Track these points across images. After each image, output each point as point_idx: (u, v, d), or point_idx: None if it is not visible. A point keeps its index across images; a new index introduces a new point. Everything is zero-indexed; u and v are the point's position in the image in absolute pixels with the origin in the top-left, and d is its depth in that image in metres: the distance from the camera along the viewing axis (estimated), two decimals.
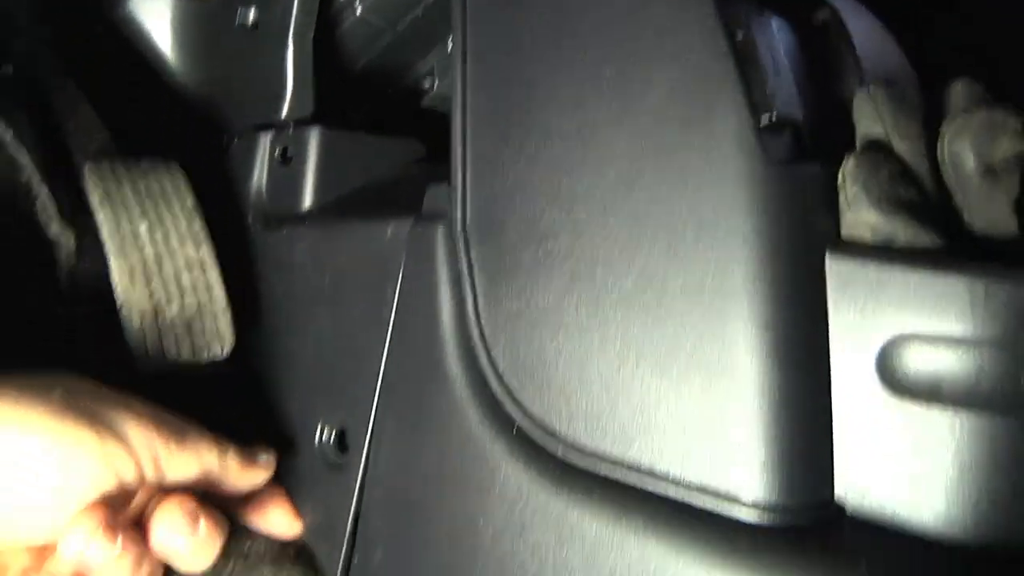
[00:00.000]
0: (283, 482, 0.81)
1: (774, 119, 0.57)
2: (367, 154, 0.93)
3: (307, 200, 0.90)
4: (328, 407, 0.80)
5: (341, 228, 0.82)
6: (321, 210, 0.89)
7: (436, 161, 0.83)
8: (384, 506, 0.74)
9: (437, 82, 0.92)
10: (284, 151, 0.92)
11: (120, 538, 0.62)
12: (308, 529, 0.81)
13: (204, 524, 0.69)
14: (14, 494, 0.60)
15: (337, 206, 0.89)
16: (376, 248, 0.76)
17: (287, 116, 0.90)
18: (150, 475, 0.66)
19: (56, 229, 0.79)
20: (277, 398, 0.85)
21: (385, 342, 0.74)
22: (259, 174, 0.93)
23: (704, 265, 0.57)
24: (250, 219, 0.92)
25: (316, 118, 0.93)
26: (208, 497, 0.73)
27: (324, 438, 0.79)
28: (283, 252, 0.86)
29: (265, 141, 0.94)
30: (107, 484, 0.63)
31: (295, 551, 0.80)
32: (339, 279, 0.80)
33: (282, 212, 0.90)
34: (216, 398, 0.84)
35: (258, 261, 0.89)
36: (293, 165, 0.91)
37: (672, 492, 0.58)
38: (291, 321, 0.85)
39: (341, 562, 0.75)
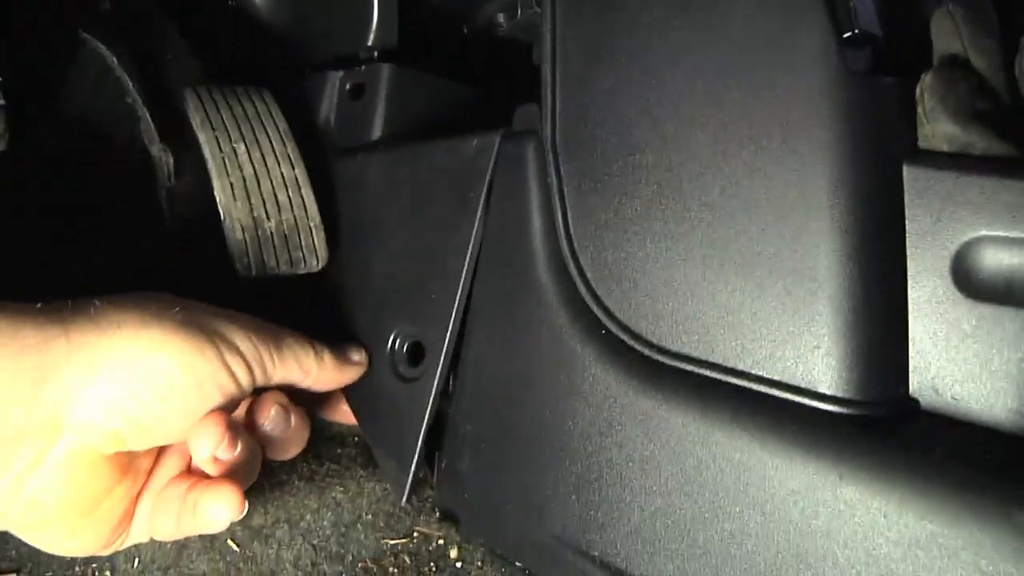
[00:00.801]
0: (356, 392, 0.85)
1: (856, 34, 0.60)
2: (433, 93, 0.95)
3: (377, 132, 0.92)
4: (404, 319, 0.83)
5: (418, 149, 0.85)
6: (392, 138, 0.92)
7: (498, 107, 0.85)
8: (471, 412, 0.77)
9: (520, 12, 0.94)
10: (356, 87, 0.95)
11: (239, 441, 0.68)
12: (376, 439, 0.84)
13: (295, 417, 0.76)
14: (154, 407, 0.65)
15: (407, 136, 0.91)
16: (458, 165, 0.79)
17: (372, 45, 0.93)
18: (260, 380, 0.71)
19: (157, 149, 0.83)
20: (355, 310, 0.88)
21: (466, 256, 0.77)
22: (329, 108, 0.97)
23: (787, 173, 0.60)
24: (326, 146, 0.95)
25: (394, 53, 0.95)
26: (294, 394, 0.78)
27: (398, 349, 0.83)
28: (359, 175, 0.90)
29: (335, 77, 0.97)
30: (229, 391, 0.69)
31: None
32: (417, 196, 0.83)
33: (353, 142, 0.93)
34: (300, 307, 0.88)
35: (335, 185, 0.92)
36: (364, 99, 0.94)
37: (756, 387, 0.61)
38: (370, 239, 0.88)
39: (411, 473, 0.79)
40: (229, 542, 0.84)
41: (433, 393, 0.78)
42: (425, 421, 0.78)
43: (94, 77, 0.86)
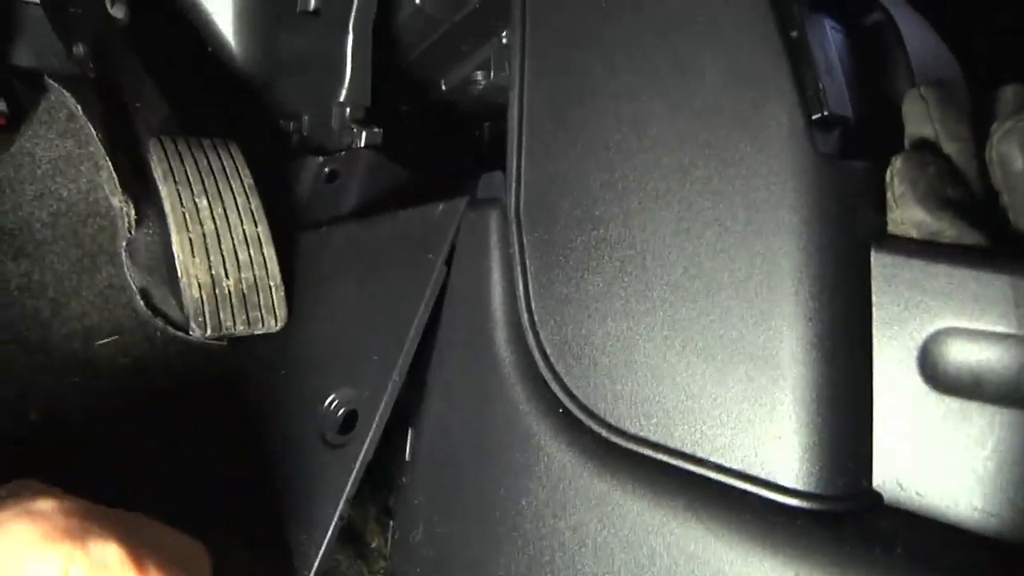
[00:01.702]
0: (277, 459, 0.80)
1: (825, 115, 0.59)
2: (404, 182, 0.95)
3: (347, 210, 0.93)
4: (343, 383, 0.80)
5: (383, 217, 0.83)
6: (360, 212, 0.91)
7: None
8: (425, 484, 0.75)
9: (493, 74, 0.93)
10: (332, 172, 0.95)
11: None
12: (290, 509, 0.79)
13: None
14: None
15: (374, 209, 0.91)
16: (421, 229, 0.78)
17: (344, 101, 0.92)
18: None
19: (118, 200, 0.81)
20: (295, 373, 0.85)
21: (414, 319, 0.75)
22: (306, 189, 0.97)
23: (752, 256, 0.59)
24: (299, 223, 0.94)
25: (369, 111, 0.95)
26: None
27: (331, 414, 0.79)
28: (322, 244, 0.88)
29: (314, 162, 0.97)
30: None
31: None
32: (375, 261, 0.82)
33: (324, 217, 0.93)
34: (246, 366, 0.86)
35: (299, 255, 0.90)
36: (338, 182, 0.94)
37: (714, 476, 0.59)
38: (323, 304, 0.86)
39: (324, 546, 0.74)
40: None
41: (359, 461, 0.74)
42: (347, 490, 0.74)
43: (63, 120, 0.85)
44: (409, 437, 0.76)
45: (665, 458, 0.61)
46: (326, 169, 0.93)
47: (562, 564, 0.64)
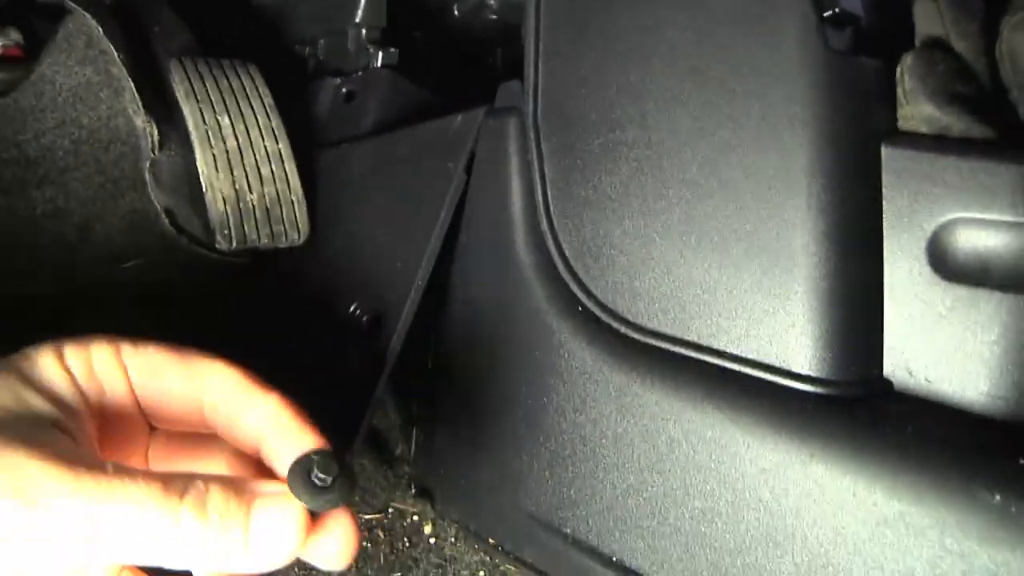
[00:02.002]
0: (308, 365, 0.82)
1: (837, 13, 0.60)
2: (420, 102, 0.95)
3: (365, 129, 0.93)
4: (367, 291, 0.82)
5: (403, 131, 0.85)
6: (378, 130, 0.92)
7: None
8: (447, 388, 0.78)
9: None
10: (350, 92, 0.96)
11: None
12: (318, 417, 0.80)
13: None
14: None
15: (393, 127, 0.91)
16: (440, 140, 0.79)
17: (360, 22, 0.93)
18: None
19: (141, 120, 0.83)
20: (321, 284, 0.87)
21: (436, 225, 0.76)
22: (324, 109, 0.97)
23: (766, 152, 0.60)
24: (318, 142, 0.95)
25: (385, 33, 0.96)
26: None
27: (355, 322, 0.81)
28: (343, 161, 0.90)
29: (332, 83, 0.97)
30: None
31: None
32: (396, 173, 0.83)
33: (342, 137, 0.94)
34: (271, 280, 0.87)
35: (320, 173, 0.91)
36: (356, 102, 0.95)
37: (730, 366, 0.61)
38: (346, 217, 0.88)
39: (352, 451, 0.77)
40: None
41: (385, 365, 0.76)
42: (374, 394, 0.76)
43: (82, 47, 0.86)
44: (431, 344, 0.78)
45: (682, 351, 0.63)
46: (343, 90, 0.94)
47: (583, 457, 0.67)
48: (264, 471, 0.50)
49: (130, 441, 0.53)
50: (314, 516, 0.46)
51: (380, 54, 0.91)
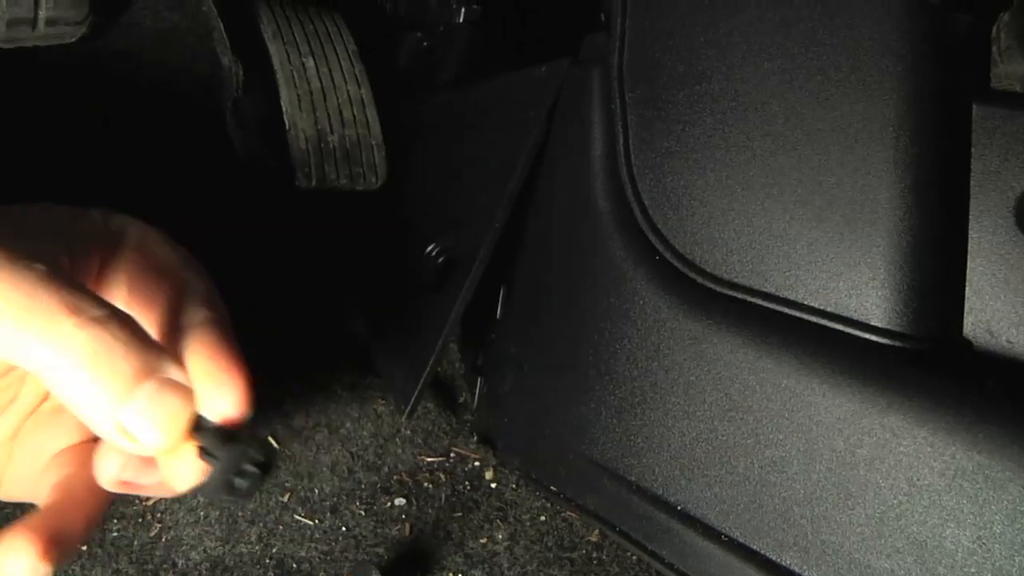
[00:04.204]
0: (374, 300, 0.84)
1: None
2: (500, 61, 0.95)
3: (446, 81, 0.94)
4: (444, 232, 0.83)
5: (484, 83, 0.85)
6: (458, 83, 0.93)
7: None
8: (517, 334, 0.78)
9: None
10: (430, 47, 0.96)
11: None
12: (388, 349, 0.83)
13: None
14: None
15: (473, 80, 0.92)
16: (524, 90, 0.79)
17: None
18: None
19: (228, 60, 0.84)
20: (399, 224, 0.88)
21: (516, 171, 0.76)
22: (404, 62, 0.98)
23: (853, 104, 0.60)
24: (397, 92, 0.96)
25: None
26: None
27: (431, 260, 0.82)
28: (424, 110, 0.91)
29: (413, 36, 0.98)
30: None
31: None
32: (477, 122, 0.84)
33: (422, 89, 0.95)
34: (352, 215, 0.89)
35: (400, 122, 0.92)
36: (436, 56, 0.95)
37: (808, 318, 0.61)
38: (426, 162, 0.88)
39: (420, 384, 0.78)
40: (269, 439, 0.85)
41: (456, 306, 0.77)
42: (444, 333, 0.77)
43: None
44: (501, 295, 0.78)
45: (760, 301, 0.63)
46: (424, 44, 0.95)
47: (653, 404, 0.67)
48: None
49: None
50: None
51: (463, 10, 0.92)
